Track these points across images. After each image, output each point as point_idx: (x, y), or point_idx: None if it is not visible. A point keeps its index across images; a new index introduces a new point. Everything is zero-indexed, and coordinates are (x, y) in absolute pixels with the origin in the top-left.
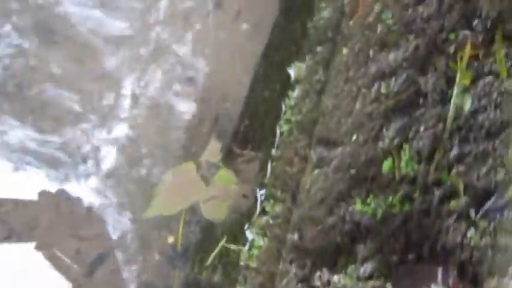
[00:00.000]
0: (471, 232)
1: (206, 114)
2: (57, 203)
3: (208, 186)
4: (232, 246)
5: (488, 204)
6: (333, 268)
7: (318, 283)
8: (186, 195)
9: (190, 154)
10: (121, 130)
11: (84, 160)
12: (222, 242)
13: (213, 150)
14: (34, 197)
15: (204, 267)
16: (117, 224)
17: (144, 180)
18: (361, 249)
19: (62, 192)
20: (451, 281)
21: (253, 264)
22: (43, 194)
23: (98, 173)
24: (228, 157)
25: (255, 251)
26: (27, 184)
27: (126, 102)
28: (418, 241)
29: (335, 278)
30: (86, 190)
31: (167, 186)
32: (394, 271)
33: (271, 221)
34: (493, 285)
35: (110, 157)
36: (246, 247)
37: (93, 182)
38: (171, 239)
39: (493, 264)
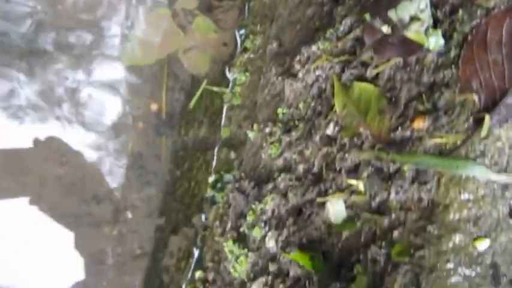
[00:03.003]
0: None
1: None
2: None
3: (186, 35)
4: (215, 88)
5: None
6: (312, 43)
7: (298, 67)
8: (164, 43)
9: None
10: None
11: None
12: (203, 85)
13: None
14: None
15: (190, 127)
16: None
17: None
18: (339, 10)
19: None
20: None
21: (237, 101)
22: None
23: None
24: (206, 10)
25: (238, 89)
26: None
27: None
28: None
29: (313, 47)
30: None
31: (142, 33)
32: None
33: (252, 56)
34: None
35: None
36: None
37: None
38: (154, 107)
39: None
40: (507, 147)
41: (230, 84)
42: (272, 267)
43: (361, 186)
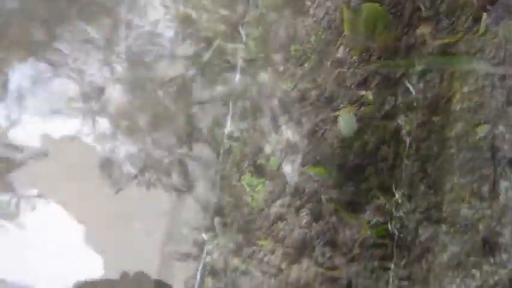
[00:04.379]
0: None
1: None
2: None
3: None
4: (229, 45)
5: None
6: None
7: (308, 3)
8: None
9: None
10: None
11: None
12: (217, 41)
13: None
14: None
15: (206, 88)
16: None
17: None
18: None
19: None
20: None
21: (250, 55)
22: None
23: None
24: None
25: (251, 43)
26: None
27: None
28: None
29: None
30: None
31: None
32: None
33: (264, 11)
34: None
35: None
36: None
37: None
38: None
39: None
40: (504, 42)
41: (243, 39)
42: (289, 189)
43: (370, 96)
